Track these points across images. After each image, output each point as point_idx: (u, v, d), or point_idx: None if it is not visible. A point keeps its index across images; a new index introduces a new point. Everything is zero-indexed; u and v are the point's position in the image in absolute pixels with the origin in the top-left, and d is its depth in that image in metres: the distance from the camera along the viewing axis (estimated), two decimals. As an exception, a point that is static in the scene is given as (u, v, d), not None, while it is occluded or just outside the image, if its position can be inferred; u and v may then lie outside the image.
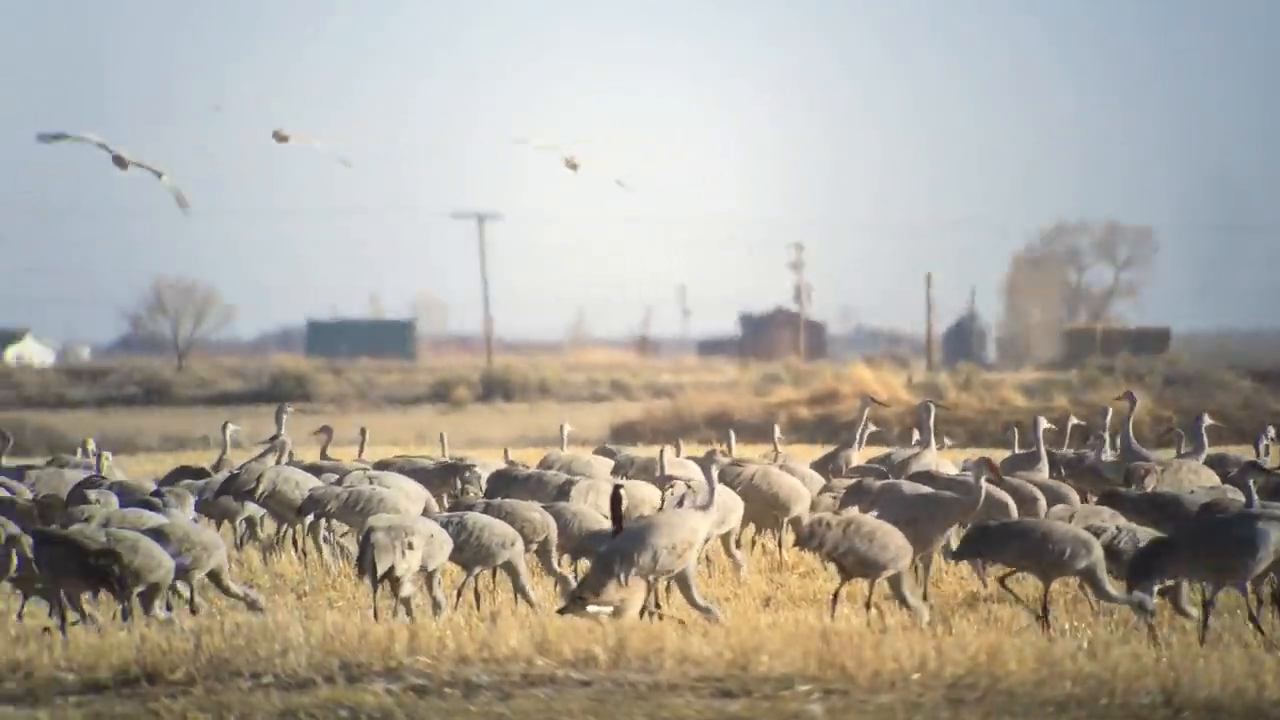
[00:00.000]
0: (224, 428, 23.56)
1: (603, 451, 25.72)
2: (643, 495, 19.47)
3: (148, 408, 70.43)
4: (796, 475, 20.57)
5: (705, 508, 14.91)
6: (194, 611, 15.63)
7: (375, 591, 15.50)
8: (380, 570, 14.97)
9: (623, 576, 14.32)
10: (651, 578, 14.53)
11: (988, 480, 16.01)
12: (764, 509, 19.74)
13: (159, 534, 15.62)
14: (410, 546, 15.14)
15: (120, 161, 19.07)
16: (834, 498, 19.84)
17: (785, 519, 20.03)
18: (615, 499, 14.20)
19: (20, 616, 15.04)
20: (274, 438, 22.95)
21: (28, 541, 14.09)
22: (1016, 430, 26.58)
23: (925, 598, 16.28)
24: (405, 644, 12.81)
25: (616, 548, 14.47)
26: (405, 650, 12.71)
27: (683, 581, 14.91)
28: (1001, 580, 16.02)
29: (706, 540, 16.45)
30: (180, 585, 15.62)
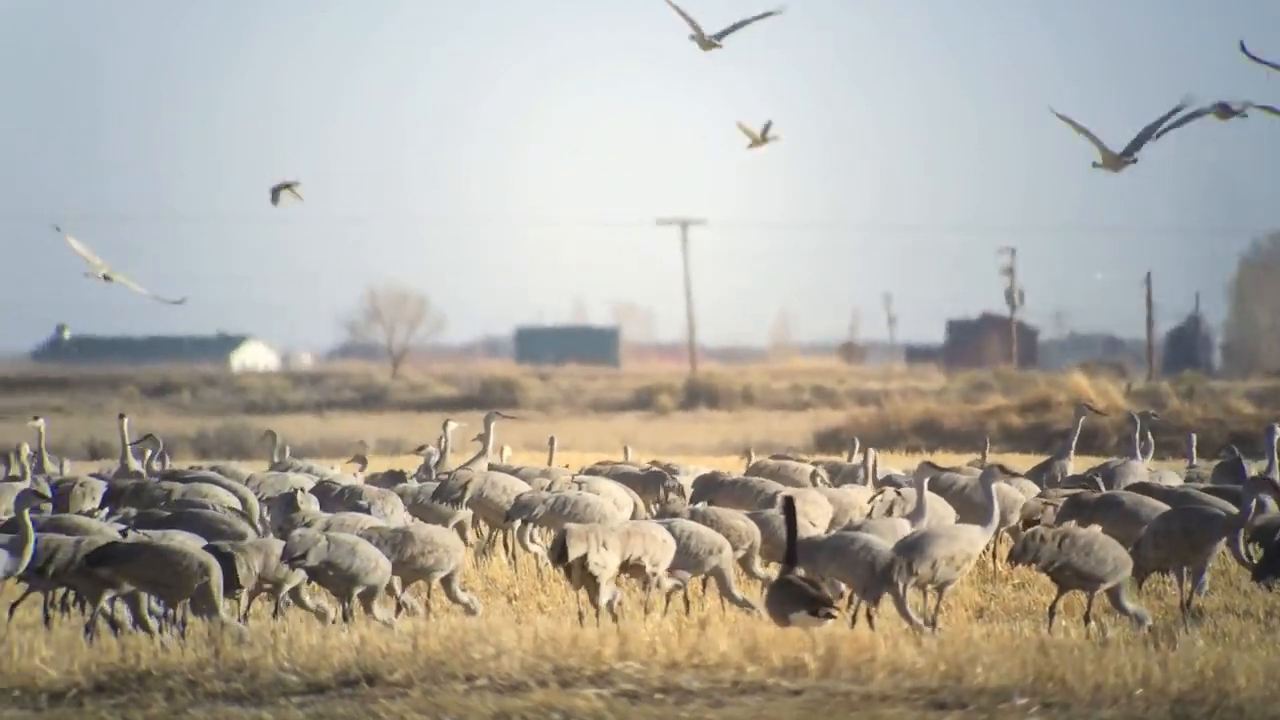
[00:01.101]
0: (444, 425, 23.77)
1: (777, 459, 25.47)
2: (851, 500, 19.29)
3: (364, 412, 71.99)
4: (1011, 484, 20.22)
5: (985, 524, 15.00)
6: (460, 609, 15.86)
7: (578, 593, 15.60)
8: (571, 555, 15.06)
9: (901, 586, 14.44)
10: (929, 587, 14.59)
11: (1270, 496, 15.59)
12: (978, 519, 19.40)
13: (405, 535, 15.89)
14: (605, 545, 15.22)
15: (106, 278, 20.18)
16: (1045, 504, 19.42)
17: (1001, 529, 19.68)
18: (789, 508, 14.13)
19: (245, 618, 15.44)
20: (483, 440, 23.17)
21: (215, 569, 14.46)
22: (1195, 437, 26.12)
23: (1195, 612, 15.89)
24: (616, 649, 12.87)
25: (897, 556, 14.55)
26: (616, 655, 12.77)
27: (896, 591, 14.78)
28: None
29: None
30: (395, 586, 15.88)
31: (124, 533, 15.74)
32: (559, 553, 15.24)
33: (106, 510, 19.78)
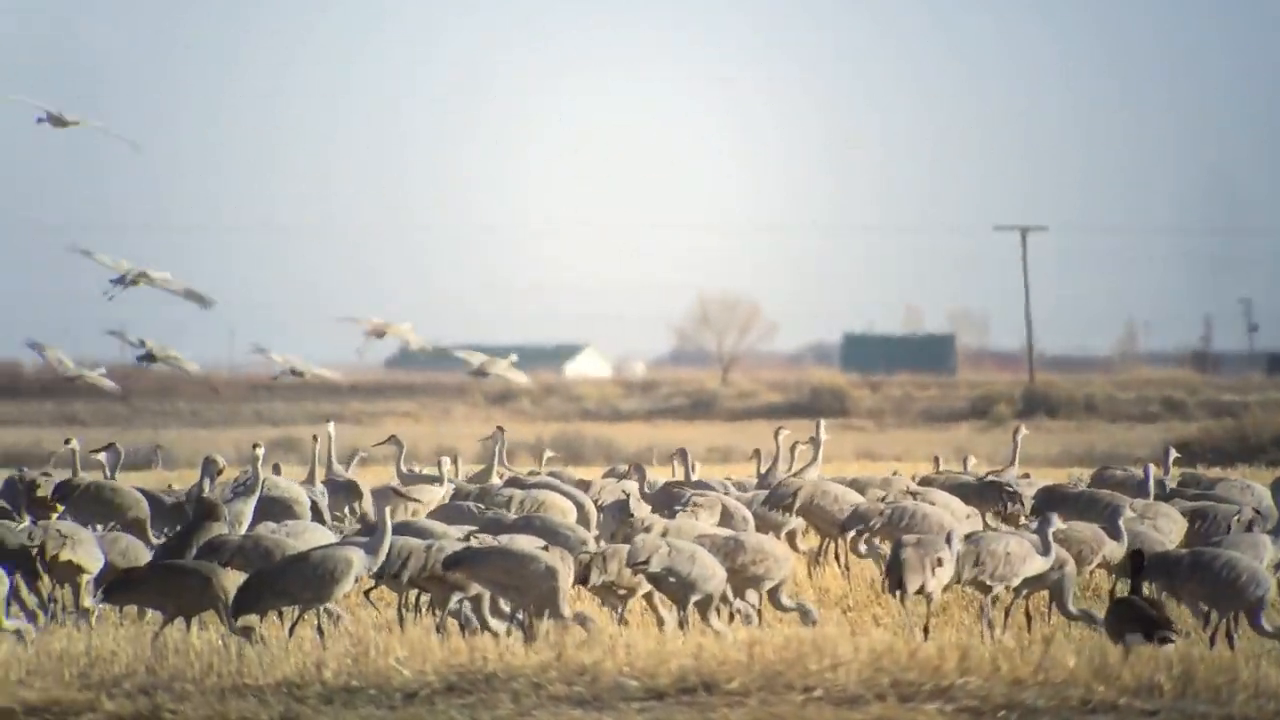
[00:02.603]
0: (777, 434, 23.71)
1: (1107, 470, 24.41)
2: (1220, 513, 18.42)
3: (693, 419, 72.59)
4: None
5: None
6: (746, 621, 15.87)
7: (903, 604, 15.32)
8: (910, 590, 14.83)
9: None
10: None
11: None
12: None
13: (737, 543, 15.92)
14: (939, 563, 14.92)
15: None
16: None
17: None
18: (1135, 555, 13.55)
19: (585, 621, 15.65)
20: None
21: (563, 574, 14.70)
22: None
23: None
24: (956, 664, 12.60)
25: None
26: (956, 671, 12.50)
27: (1255, 609, 14.09)
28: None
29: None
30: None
31: (469, 537, 16.18)
32: (896, 583, 14.96)
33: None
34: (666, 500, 20.45)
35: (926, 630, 15.19)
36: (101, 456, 22.13)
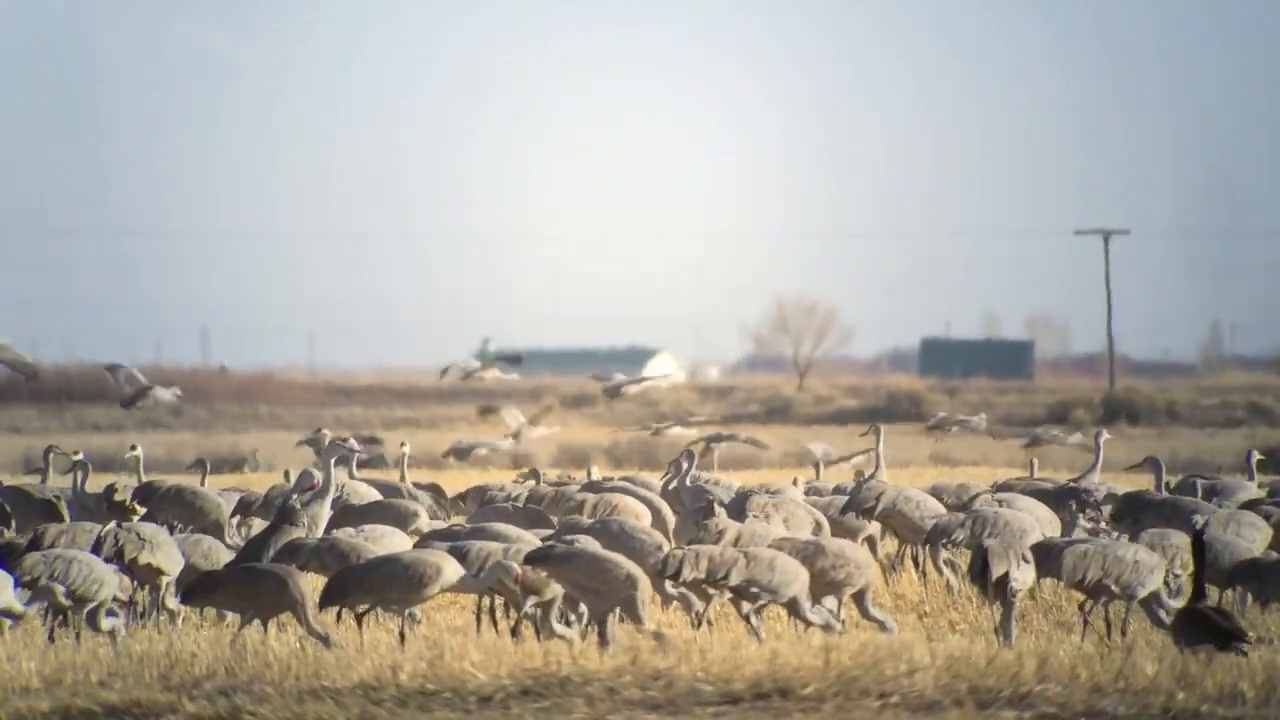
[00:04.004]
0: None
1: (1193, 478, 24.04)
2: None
3: (769, 425, 72.38)
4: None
5: None
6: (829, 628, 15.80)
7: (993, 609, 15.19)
8: (994, 574, 14.67)
9: None
10: None
11: None
12: None
13: (816, 547, 15.83)
14: (1025, 559, 14.78)
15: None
16: None
17: None
18: (1197, 540, 13.33)
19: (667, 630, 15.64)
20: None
21: (644, 581, 14.69)
22: None
23: None
24: (1034, 670, 12.49)
25: None
26: (1034, 677, 12.40)
27: None
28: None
29: None
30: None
31: (546, 540, 16.20)
32: (979, 571, 14.86)
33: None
34: (739, 503, 20.39)
35: (1005, 632, 15.06)
36: (76, 469, 21.70)
